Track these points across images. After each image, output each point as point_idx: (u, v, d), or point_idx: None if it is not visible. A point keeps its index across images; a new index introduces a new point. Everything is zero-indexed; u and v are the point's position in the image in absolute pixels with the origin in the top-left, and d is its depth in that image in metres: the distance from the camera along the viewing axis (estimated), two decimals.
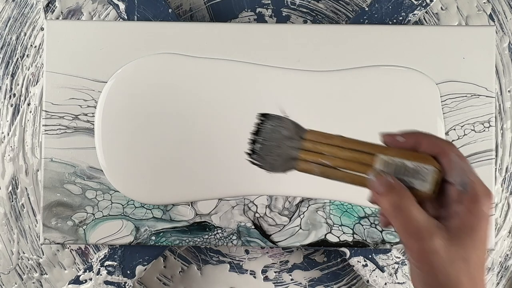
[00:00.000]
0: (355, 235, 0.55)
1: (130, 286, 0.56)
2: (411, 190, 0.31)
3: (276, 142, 0.36)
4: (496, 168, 0.60)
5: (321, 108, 0.54)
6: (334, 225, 0.55)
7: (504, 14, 0.61)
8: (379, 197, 0.32)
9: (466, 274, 0.30)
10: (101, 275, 0.57)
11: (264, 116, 0.38)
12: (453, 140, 0.55)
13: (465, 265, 0.30)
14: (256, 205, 0.55)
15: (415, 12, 0.57)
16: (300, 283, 0.61)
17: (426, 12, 0.61)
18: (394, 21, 0.57)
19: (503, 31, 0.61)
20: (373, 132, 0.54)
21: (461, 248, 0.30)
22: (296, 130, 0.37)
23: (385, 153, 0.33)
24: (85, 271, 0.57)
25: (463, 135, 0.55)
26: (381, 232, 0.55)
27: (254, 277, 0.61)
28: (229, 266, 0.61)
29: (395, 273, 0.57)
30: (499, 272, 0.61)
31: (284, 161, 0.36)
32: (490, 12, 0.61)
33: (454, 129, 0.55)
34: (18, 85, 0.60)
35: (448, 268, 0.30)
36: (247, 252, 0.62)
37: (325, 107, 0.55)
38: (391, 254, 0.57)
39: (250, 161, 0.37)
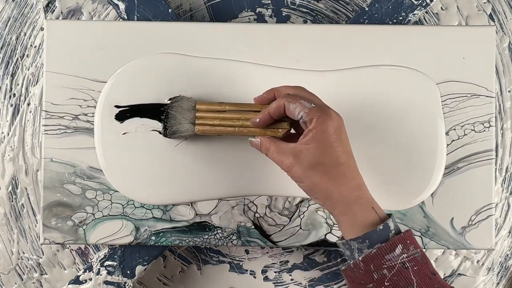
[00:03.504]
0: None
1: (130, 286, 0.56)
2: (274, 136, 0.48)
3: (179, 114, 0.51)
4: (496, 168, 0.60)
5: None
6: (334, 225, 0.55)
7: (504, 14, 0.61)
8: (260, 148, 0.48)
9: (322, 171, 0.44)
10: (101, 275, 0.57)
11: (170, 99, 0.53)
12: (453, 140, 0.55)
13: (322, 166, 0.44)
14: (256, 205, 0.55)
15: (415, 12, 0.57)
16: (300, 283, 0.61)
17: (426, 12, 0.61)
18: (394, 21, 0.57)
19: (503, 31, 0.61)
20: (373, 132, 0.54)
21: (313, 155, 0.44)
22: (190, 103, 0.51)
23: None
24: (85, 271, 0.57)
25: (463, 135, 0.55)
26: None
27: (254, 277, 0.61)
28: (229, 266, 0.61)
29: None
30: (499, 272, 0.61)
31: (186, 127, 0.51)
32: (490, 12, 0.61)
33: (454, 129, 0.55)
34: (18, 85, 0.60)
35: (308, 172, 0.44)
36: (247, 252, 0.62)
37: None
38: None
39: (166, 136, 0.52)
